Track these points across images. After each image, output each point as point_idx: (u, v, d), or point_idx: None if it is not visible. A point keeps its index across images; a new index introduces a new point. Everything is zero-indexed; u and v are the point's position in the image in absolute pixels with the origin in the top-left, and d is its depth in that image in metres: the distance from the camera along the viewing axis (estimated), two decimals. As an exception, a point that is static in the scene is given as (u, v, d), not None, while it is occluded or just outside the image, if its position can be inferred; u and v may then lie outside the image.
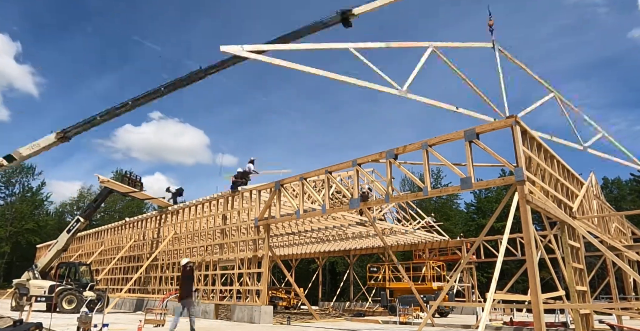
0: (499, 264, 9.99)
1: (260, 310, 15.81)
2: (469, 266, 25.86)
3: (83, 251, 33.22)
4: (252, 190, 18.16)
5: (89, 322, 10.67)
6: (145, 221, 26.58)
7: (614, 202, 39.72)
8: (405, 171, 13.37)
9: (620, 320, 14.42)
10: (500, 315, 19.05)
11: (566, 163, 13.62)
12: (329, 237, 26.38)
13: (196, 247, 21.82)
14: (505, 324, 15.46)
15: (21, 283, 21.30)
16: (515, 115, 10.67)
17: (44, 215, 61.17)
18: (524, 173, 10.02)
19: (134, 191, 24.13)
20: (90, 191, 63.33)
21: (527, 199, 9.86)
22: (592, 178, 16.57)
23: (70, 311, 18.81)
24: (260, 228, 17.39)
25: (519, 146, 10.29)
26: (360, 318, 19.37)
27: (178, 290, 12.88)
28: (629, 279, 18.33)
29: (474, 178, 11.04)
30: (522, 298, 12.20)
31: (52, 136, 18.31)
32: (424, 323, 11.66)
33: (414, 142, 12.41)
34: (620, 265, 10.87)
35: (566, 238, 11.97)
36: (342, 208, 15.40)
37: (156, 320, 14.21)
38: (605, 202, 18.78)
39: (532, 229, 9.81)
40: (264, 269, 16.63)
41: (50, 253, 22.96)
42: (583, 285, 12.31)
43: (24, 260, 51.22)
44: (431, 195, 12.36)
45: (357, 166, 14.12)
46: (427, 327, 14.36)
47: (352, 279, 33.18)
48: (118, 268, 27.33)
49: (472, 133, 11.01)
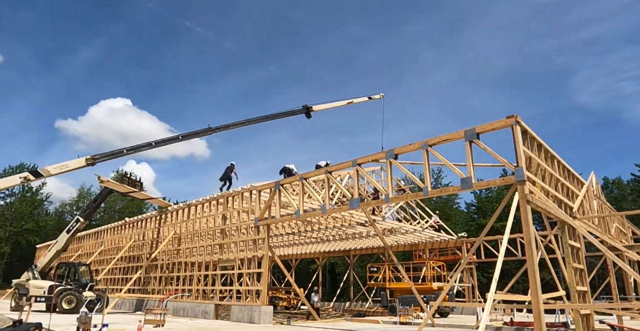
0: (499, 264, 9.97)
1: (260, 310, 15.78)
2: (469, 267, 25.83)
3: (83, 251, 33.21)
4: (252, 190, 18.13)
5: (88, 322, 10.64)
6: (145, 221, 26.56)
7: (614, 202, 39.68)
8: (405, 171, 13.35)
9: (620, 320, 14.38)
10: (500, 315, 19.02)
11: (566, 163, 13.60)
12: (329, 237, 26.36)
13: (196, 247, 21.80)
14: (506, 324, 15.43)
15: (21, 283, 21.28)
16: (516, 115, 10.64)
17: (44, 215, 61.18)
18: (524, 173, 10.00)
19: (134, 191, 24.10)
20: (90, 191, 63.39)
21: (527, 199, 9.83)
22: (593, 177, 16.54)
23: (69, 311, 18.78)
24: (260, 228, 17.36)
25: (519, 146, 10.27)
26: (360, 319, 19.34)
27: None
28: (630, 279, 18.31)
29: (474, 178, 11.02)
30: (523, 298, 12.16)
31: (82, 161, 19.81)
32: (424, 323, 11.64)
33: (414, 142, 12.39)
34: (620, 265, 10.83)
35: (566, 238, 11.94)
36: (343, 208, 15.38)
37: (156, 320, 14.16)
38: (606, 202, 18.75)
39: (533, 229, 9.79)
40: (263, 269, 16.60)
41: (50, 253, 22.92)
42: (583, 285, 12.28)
43: (23, 260, 51.19)
44: (431, 195, 12.33)
45: (357, 166, 14.10)
46: (427, 327, 14.33)
47: (352, 279, 33.16)
48: (118, 268, 27.32)
49: (473, 133, 10.99)
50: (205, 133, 21.68)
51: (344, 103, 24.35)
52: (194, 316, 18.54)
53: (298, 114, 23.18)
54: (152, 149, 21.48)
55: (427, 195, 12.04)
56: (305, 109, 23.08)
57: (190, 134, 21.71)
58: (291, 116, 23.17)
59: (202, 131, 21.57)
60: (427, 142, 11.94)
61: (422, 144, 12.05)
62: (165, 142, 21.67)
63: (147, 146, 21.20)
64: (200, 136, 22.15)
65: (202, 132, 21.62)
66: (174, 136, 21.74)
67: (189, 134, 21.66)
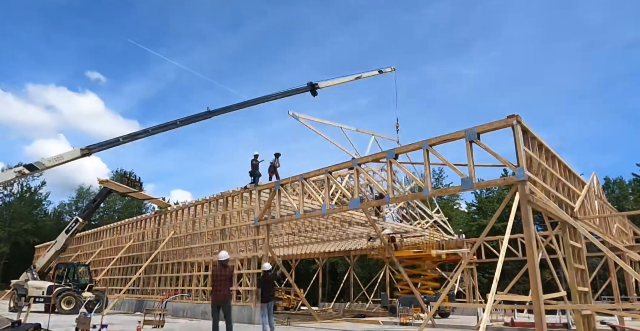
0: (500, 264, 9.91)
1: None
2: (469, 267, 25.76)
3: (82, 252, 33.13)
4: (252, 190, 18.07)
5: (87, 323, 10.60)
6: (145, 221, 26.51)
7: (615, 202, 39.61)
8: (405, 171, 13.31)
9: (622, 321, 14.36)
10: (501, 315, 18.95)
11: (568, 163, 13.55)
12: (329, 237, 26.30)
13: (196, 247, 21.74)
14: (507, 325, 15.40)
15: (19, 284, 21.23)
16: (517, 115, 10.59)
17: (43, 215, 61.09)
18: (525, 173, 9.94)
19: (133, 191, 24.08)
20: (89, 191, 63.29)
21: (528, 200, 9.78)
22: (594, 178, 16.50)
23: (68, 312, 18.75)
24: (260, 229, 17.31)
25: (520, 146, 10.21)
26: (360, 319, 19.29)
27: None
28: (631, 280, 18.26)
29: (475, 178, 10.97)
30: (523, 298, 12.11)
31: (77, 151, 18.97)
32: (424, 324, 11.60)
33: (415, 142, 12.35)
34: (622, 266, 10.78)
35: (567, 239, 11.89)
36: (343, 208, 15.33)
37: (155, 321, 14.11)
38: (607, 202, 18.68)
39: (534, 229, 9.74)
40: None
41: (49, 253, 22.87)
42: (584, 285, 12.22)
43: (22, 261, 50.99)
44: (432, 195, 12.30)
45: (357, 166, 14.06)
46: (427, 328, 14.28)
47: (352, 280, 33.09)
48: (117, 269, 27.25)
49: (473, 133, 10.93)
50: (204, 117, 20.27)
51: (352, 78, 22.80)
52: (194, 317, 18.47)
53: (303, 92, 21.54)
54: (150, 136, 20.21)
55: (427, 195, 11.99)
56: (310, 86, 21.45)
57: (189, 118, 20.36)
58: (296, 95, 21.50)
59: (201, 114, 20.20)
60: (427, 142, 11.88)
61: (422, 144, 12.00)
62: (162, 128, 20.26)
63: (143, 133, 20.11)
64: (199, 120, 20.47)
65: (202, 116, 20.23)
66: (172, 121, 20.27)
67: (187, 119, 20.33)
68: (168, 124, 20.24)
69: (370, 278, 39.37)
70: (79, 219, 23.33)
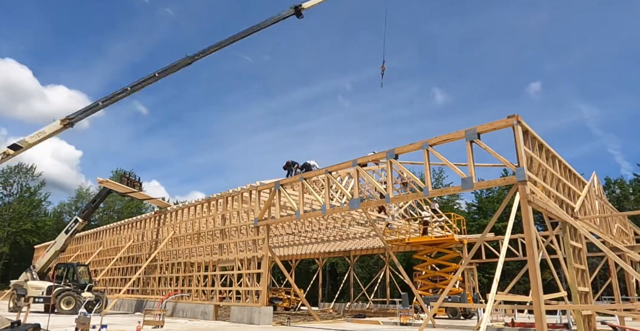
0: (500, 265, 9.89)
1: (259, 311, 15.70)
2: (470, 267, 25.73)
3: (81, 252, 33.11)
4: (251, 190, 18.05)
5: (87, 323, 10.55)
6: (144, 221, 26.48)
7: (616, 202, 39.58)
8: (406, 171, 13.29)
9: (622, 321, 14.32)
10: (501, 316, 18.95)
11: (568, 163, 13.52)
12: (329, 237, 26.29)
13: (195, 247, 21.71)
14: (507, 325, 15.36)
15: (19, 284, 21.21)
16: (517, 115, 10.57)
17: (42, 215, 61.06)
18: (525, 173, 9.92)
19: (133, 191, 24.04)
20: (89, 192, 63.30)
21: (528, 200, 9.76)
22: (594, 178, 16.47)
23: (68, 312, 18.72)
24: (260, 229, 17.29)
25: (520, 146, 10.19)
26: (360, 319, 19.28)
27: None
28: (632, 280, 18.22)
29: (475, 178, 10.94)
30: (524, 299, 12.10)
31: (57, 123, 18.40)
32: (424, 324, 11.57)
33: (415, 142, 12.32)
34: (622, 266, 10.76)
35: (568, 239, 11.86)
36: (343, 208, 15.30)
37: (155, 321, 14.08)
38: (608, 202, 18.66)
39: (534, 229, 9.71)
40: (263, 270, 16.52)
41: (49, 253, 22.84)
42: (585, 285, 12.20)
43: (22, 261, 51.13)
44: (432, 195, 12.27)
45: (357, 166, 14.03)
46: (428, 328, 14.25)
47: (352, 280, 33.08)
48: (117, 269, 27.23)
49: (473, 133, 10.91)
50: (184, 64, 19.28)
51: None
52: (193, 317, 18.45)
53: (288, 17, 20.51)
54: (130, 94, 19.49)
55: (427, 195, 11.97)
56: (294, 9, 20.36)
57: (168, 68, 19.35)
58: (281, 21, 20.40)
59: (181, 61, 19.24)
60: (427, 142, 11.87)
61: (422, 144, 11.99)
62: (141, 83, 19.32)
63: (122, 92, 19.24)
64: (178, 69, 19.40)
65: (181, 63, 19.27)
66: (150, 74, 19.21)
67: (166, 69, 19.31)
68: (146, 79, 19.40)
69: (370, 278, 39.43)
70: (78, 220, 23.29)
